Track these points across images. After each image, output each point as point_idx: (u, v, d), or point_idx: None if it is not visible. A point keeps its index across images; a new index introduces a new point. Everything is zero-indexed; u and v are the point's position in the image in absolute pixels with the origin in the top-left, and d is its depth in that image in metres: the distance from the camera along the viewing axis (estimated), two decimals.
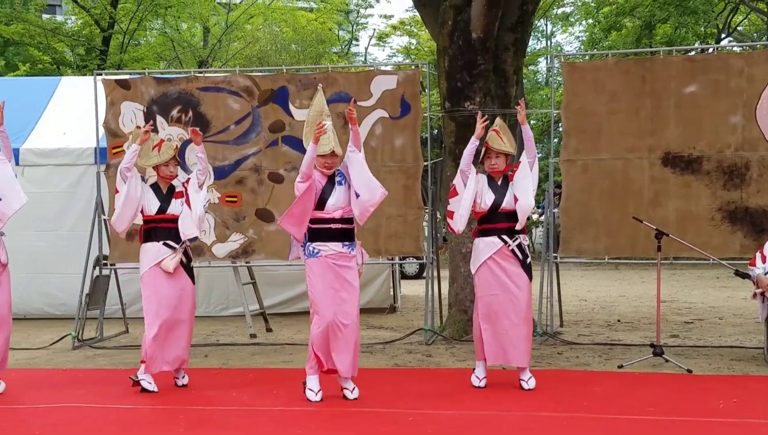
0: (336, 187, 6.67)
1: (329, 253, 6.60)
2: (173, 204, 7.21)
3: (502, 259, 6.92)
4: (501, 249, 6.91)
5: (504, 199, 6.94)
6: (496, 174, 7.04)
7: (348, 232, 6.68)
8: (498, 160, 6.98)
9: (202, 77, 10.32)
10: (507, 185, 6.99)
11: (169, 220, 7.17)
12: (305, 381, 6.61)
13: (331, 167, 6.68)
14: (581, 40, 35.79)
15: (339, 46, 40.37)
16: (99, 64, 27.00)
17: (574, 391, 6.82)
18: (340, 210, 6.63)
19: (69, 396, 6.87)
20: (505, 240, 6.91)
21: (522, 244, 6.95)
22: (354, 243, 6.71)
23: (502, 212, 6.93)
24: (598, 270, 21.83)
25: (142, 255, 7.22)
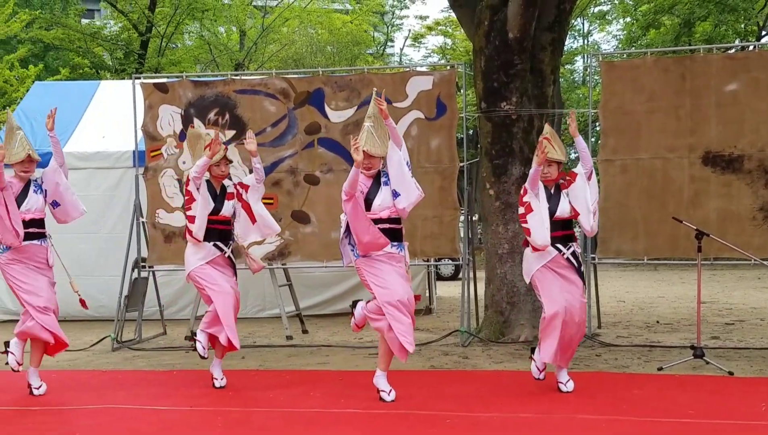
0: (382, 188, 6.64)
1: (378, 254, 6.58)
2: (226, 205, 7.31)
3: (557, 267, 6.85)
4: (555, 257, 6.83)
5: (558, 207, 6.85)
6: (548, 182, 6.93)
7: (396, 232, 6.64)
8: (550, 168, 6.87)
9: (239, 80, 10.37)
10: (559, 193, 6.92)
11: (221, 221, 7.28)
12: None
13: (370, 168, 6.63)
14: (619, 39, 35.53)
15: (374, 48, 40.44)
16: (137, 67, 27.29)
17: (613, 394, 6.75)
18: (387, 210, 6.60)
19: (109, 397, 6.94)
20: (559, 248, 6.82)
21: (576, 251, 6.90)
22: (403, 244, 6.68)
23: (556, 221, 6.83)
24: (636, 271, 21.65)
25: (190, 254, 7.28)
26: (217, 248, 7.24)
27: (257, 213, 7.30)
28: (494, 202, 9.73)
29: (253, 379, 7.65)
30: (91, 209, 11.97)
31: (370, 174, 6.66)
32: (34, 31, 28.29)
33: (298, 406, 6.52)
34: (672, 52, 12.26)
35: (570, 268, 6.86)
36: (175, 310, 12.14)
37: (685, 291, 15.77)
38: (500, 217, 9.67)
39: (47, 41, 28.55)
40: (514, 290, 9.60)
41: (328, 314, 12.47)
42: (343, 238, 6.75)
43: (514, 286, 9.59)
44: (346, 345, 9.75)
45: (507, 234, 9.64)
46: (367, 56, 35.58)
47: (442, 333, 10.23)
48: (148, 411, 6.44)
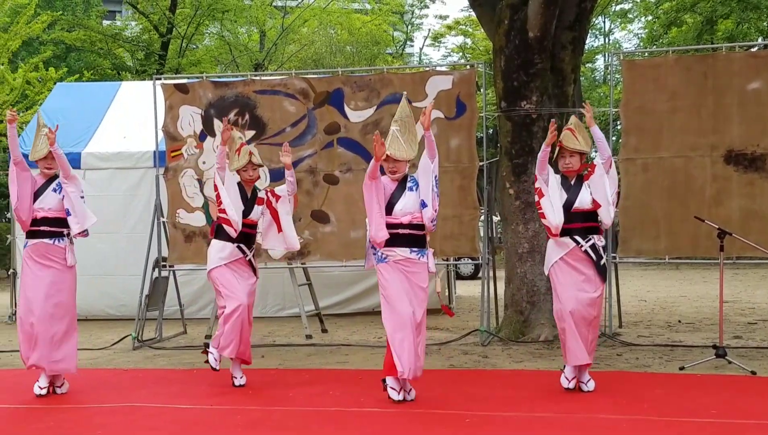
0: (406, 193, 6.57)
1: (397, 259, 6.52)
2: (255, 210, 7.35)
3: (574, 260, 6.76)
4: (573, 250, 6.75)
5: (577, 198, 6.77)
6: (570, 173, 6.87)
7: (417, 239, 6.55)
8: (572, 159, 6.81)
9: (259, 80, 10.40)
10: (581, 185, 6.83)
11: (248, 225, 7.29)
12: (384, 379, 6.57)
13: (395, 172, 6.58)
14: (640, 37, 35.37)
15: (394, 47, 40.44)
16: (158, 68, 27.43)
17: (634, 393, 6.71)
18: (408, 215, 6.52)
19: (129, 396, 6.97)
20: (577, 240, 6.74)
21: (596, 244, 6.76)
22: (425, 250, 6.59)
23: (575, 212, 6.75)
24: (658, 270, 21.53)
25: (214, 252, 7.30)
26: (240, 251, 7.27)
27: (284, 226, 7.34)
28: (514, 202, 9.70)
29: (272, 377, 7.67)
30: (111, 209, 12.16)
31: (395, 178, 6.61)
32: (56, 33, 28.51)
33: (317, 405, 6.52)
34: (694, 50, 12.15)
35: (587, 262, 6.74)
36: (196, 309, 12.19)
37: (707, 290, 15.66)
38: (520, 216, 9.64)
39: (69, 43, 28.75)
40: (534, 289, 9.56)
41: (347, 313, 12.48)
42: (368, 240, 6.73)
43: (534, 285, 9.56)
44: (366, 344, 9.75)
45: (527, 233, 9.61)
46: (387, 56, 35.60)
47: (461, 332, 10.21)
48: (168, 409, 6.46)
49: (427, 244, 6.67)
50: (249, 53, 31.97)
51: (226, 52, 31.80)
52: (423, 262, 6.58)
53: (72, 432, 5.84)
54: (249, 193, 7.38)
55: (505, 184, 9.82)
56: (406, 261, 6.52)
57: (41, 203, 7.06)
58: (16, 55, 27.31)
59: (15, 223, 12.94)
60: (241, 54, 31.79)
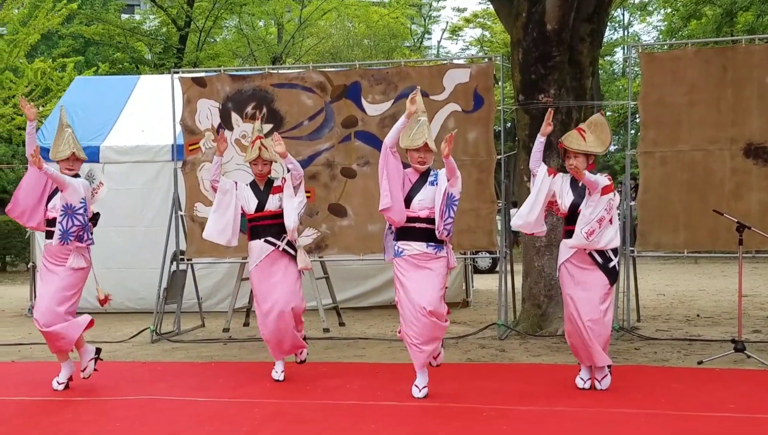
0: (426, 186, 6.53)
1: (413, 253, 6.52)
2: (271, 200, 7.22)
3: (579, 262, 6.66)
4: (578, 252, 6.64)
5: (583, 200, 6.61)
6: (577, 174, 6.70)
7: (433, 233, 6.50)
8: (577, 160, 6.55)
9: (276, 74, 10.41)
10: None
11: (269, 216, 7.21)
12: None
13: (424, 163, 6.56)
14: (659, 30, 35.16)
15: (411, 40, 40.38)
16: (176, 62, 27.52)
17: (652, 388, 6.69)
18: (426, 209, 6.49)
19: (147, 389, 7.01)
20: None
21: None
22: (441, 245, 6.55)
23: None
24: (676, 264, 21.42)
25: (249, 253, 7.34)
26: (268, 244, 7.19)
27: (284, 206, 7.16)
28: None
29: (289, 371, 7.67)
30: (130, 203, 12.23)
31: (422, 169, 6.58)
32: (75, 27, 28.63)
33: (335, 398, 6.54)
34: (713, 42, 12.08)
35: (593, 265, 6.63)
36: (214, 302, 12.23)
37: (726, 284, 15.57)
38: None
39: (88, 36, 28.87)
40: (552, 283, 9.54)
41: (364, 307, 12.49)
42: (387, 232, 6.72)
43: (551, 279, 9.53)
44: (383, 338, 9.76)
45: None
46: (404, 49, 35.55)
47: (479, 326, 10.20)
48: (186, 402, 6.50)
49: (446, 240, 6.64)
50: (267, 46, 32.01)
51: (244, 46, 31.88)
52: (439, 256, 6.54)
53: (90, 424, 5.88)
54: (263, 185, 7.32)
55: (522, 178, 9.78)
56: (423, 255, 6.51)
57: (52, 203, 7.06)
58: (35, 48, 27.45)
59: None
60: (259, 47, 31.84)
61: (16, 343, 9.93)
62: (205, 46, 30.10)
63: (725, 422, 5.61)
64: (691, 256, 9.92)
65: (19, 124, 24.22)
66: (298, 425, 5.74)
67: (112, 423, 5.88)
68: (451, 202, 6.48)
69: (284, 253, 7.22)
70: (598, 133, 6.67)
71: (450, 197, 6.47)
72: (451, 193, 6.48)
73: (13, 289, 18.12)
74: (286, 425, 5.75)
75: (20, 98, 7.24)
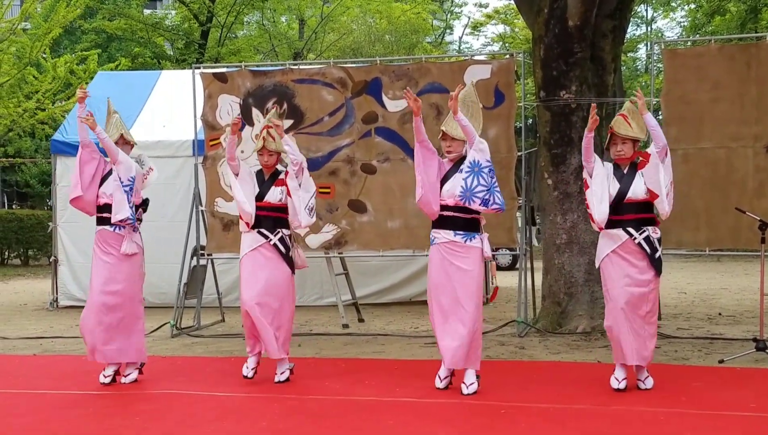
0: (456, 175, 6.50)
1: (442, 241, 6.52)
2: (272, 191, 7.07)
3: (626, 253, 6.48)
4: (625, 242, 6.47)
5: (630, 188, 6.49)
6: (622, 161, 6.58)
7: (464, 222, 6.48)
8: (624, 146, 6.51)
9: (297, 69, 10.42)
10: (634, 174, 6.54)
11: (267, 207, 7.05)
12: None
13: (450, 151, 6.58)
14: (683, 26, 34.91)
15: (433, 36, 40.31)
16: (197, 57, 27.61)
17: (673, 386, 6.64)
18: (453, 197, 6.47)
19: (167, 383, 7.05)
20: (630, 232, 6.47)
21: (651, 236, 6.48)
22: (472, 233, 6.50)
23: (628, 203, 6.49)
24: (698, 262, 21.29)
25: (242, 241, 7.21)
26: (261, 235, 7.04)
27: (294, 200, 7.01)
28: (552, 192, 9.63)
29: (309, 366, 7.70)
30: (151, 198, 12.18)
31: (451, 157, 6.60)
32: (97, 22, 28.79)
33: (354, 394, 6.54)
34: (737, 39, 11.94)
35: (641, 255, 6.46)
36: (234, 297, 12.24)
37: (748, 283, 15.44)
38: (558, 207, 9.58)
39: (110, 31, 29.02)
40: (572, 281, 9.50)
41: (384, 303, 12.50)
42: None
43: (572, 276, 9.50)
44: (402, 334, 9.76)
45: (565, 224, 9.55)
46: (426, 45, 35.46)
47: (498, 323, 10.18)
48: (206, 397, 6.52)
49: (480, 228, 6.58)
50: (288, 42, 32.05)
51: (265, 41, 31.92)
52: (471, 246, 6.49)
53: (111, 418, 5.92)
54: (267, 176, 7.17)
55: (543, 175, 9.75)
56: (451, 243, 6.49)
57: (104, 189, 7.13)
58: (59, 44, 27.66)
59: (56, 210, 13.12)
60: (281, 43, 31.89)
61: (38, 336, 10.01)
62: (226, 42, 30.17)
63: (745, 422, 5.57)
64: (714, 254, 9.83)
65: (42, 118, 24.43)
66: (316, 421, 5.74)
67: (131, 417, 5.91)
68: (479, 170, 6.44)
69: (275, 248, 7.03)
70: (637, 120, 6.59)
71: (474, 164, 6.44)
72: (475, 161, 6.44)
73: (35, 283, 18.28)
74: (305, 420, 5.76)
75: (80, 87, 7.33)
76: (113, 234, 7.08)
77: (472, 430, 5.47)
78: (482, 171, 6.46)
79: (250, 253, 7.08)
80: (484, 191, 6.44)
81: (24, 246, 23.39)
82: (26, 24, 25.40)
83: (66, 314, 12.21)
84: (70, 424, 5.76)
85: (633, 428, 5.46)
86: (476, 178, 6.44)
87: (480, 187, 6.43)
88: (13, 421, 5.82)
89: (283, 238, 7.09)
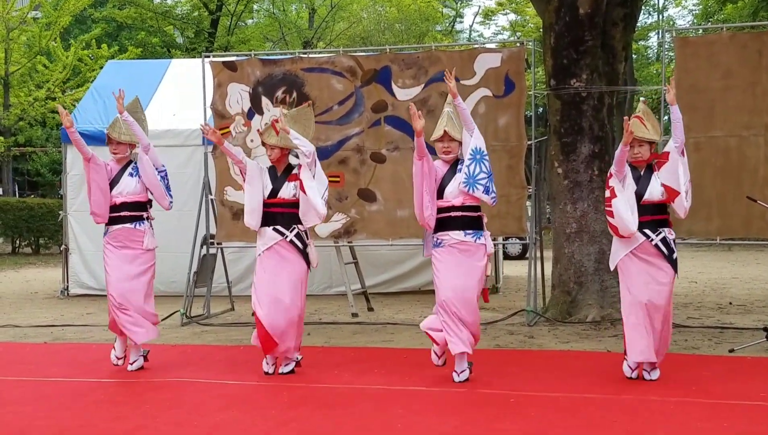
0: (456, 175, 6.52)
1: (452, 242, 6.52)
2: (285, 187, 6.94)
3: (644, 254, 6.47)
4: (642, 244, 6.45)
5: (647, 190, 6.48)
6: (639, 163, 6.55)
7: (471, 220, 6.50)
8: (642, 148, 6.48)
9: (306, 58, 10.40)
10: (650, 175, 6.54)
11: (281, 204, 6.92)
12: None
13: (448, 152, 6.56)
14: (694, 14, 34.69)
15: (443, 24, 40.17)
16: (207, 46, 27.61)
17: (683, 376, 6.63)
18: (460, 197, 6.48)
19: (177, 371, 7.07)
20: (647, 234, 6.44)
21: (667, 238, 6.48)
22: (479, 232, 6.52)
23: (645, 205, 6.46)
24: (709, 251, 21.21)
25: (258, 238, 7.08)
26: (276, 232, 6.92)
27: (307, 192, 6.81)
28: (562, 181, 9.60)
29: (318, 355, 7.71)
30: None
31: (448, 159, 6.58)
32: (108, 11, 28.80)
33: (363, 383, 6.55)
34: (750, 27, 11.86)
35: (659, 256, 6.44)
36: (243, 286, 12.26)
37: (759, 272, 15.40)
38: (568, 195, 9.55)
39: (120, 20, 29.04)
40: (582, 270, 9.48)
41: (393, 292, 12.49)
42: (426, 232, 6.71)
43: (581, 265, 9.48)
44: (411, 323, 9.75)
45: (575, 213, 9.52)
46: (436, 33, 35.33)
47: (508, 312, 10.17)
48: (215, 385, 6.54)
49: (483, 226, 6.60)
50: (298, 30, 32.01)
51: (275, 30, 31.89)
52: (479, 244, 6.52)
53: (120, 405, 5.94)
54: (280, 171, 7.04)
55: (553, 164, 9.72)
56: (462, 244, 6.50)
57: (119, 189, 7.17)
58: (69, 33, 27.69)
59: (67, 199, 13.15)
60: (290, 31, 31.84)
61: (49, 324, 10.05)
62: (236, 30, 30.16)
63: (756, 411, 5.55)
64: (725, 243, 9.79)
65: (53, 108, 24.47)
66: (325, 409, 5.75)
67: (142, 405, 5.93)
68: (481, 158, 6.44)
69: (292, 244, 6.93)
70: (652, 121, 6.58)
71: (476, 151, 6.44)
72: (477, 148, 6.45)
73: (46, 272, 18.34)
74: (314, 409, 5.77)
75: (58, 107, 7.40)
76: (134, 231, 7.18)
77: (482, 419, 5.47)
78: (483, 159, 6.49)
79: (267, 252, 6.94)
80: (485, 178, 6.47)
81: (35, 235, 23.46)
82: (37, 13, 25.44)
83: (77, 302, 12.26)
84: (80, 412, 5.78)
85: (643, 417, 5.45)
86: (478, 166, 6.46)
87: (482, 175, 6.46)
88: (24, 409, 5.84)
89: (299, 233, 6.98)
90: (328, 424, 5.37)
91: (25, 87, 25.26)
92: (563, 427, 5.24)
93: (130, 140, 7.23)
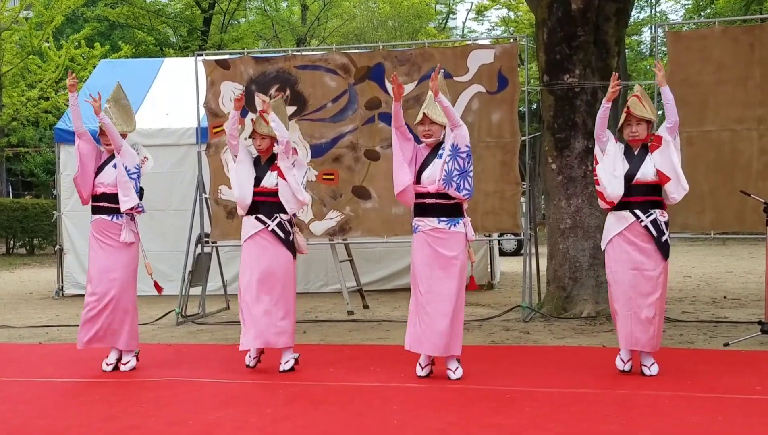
0: (435, 161, 6.47)
1: (426, 229, 6.50)
2: (268, 176, 6.97)
3: (633, 236, 6.45)
4: (632, 224, 6.44)
5: (639, 169, 6.44)
6: (635, 142, 6.53)
7: (444, 208, 6.45)
8: (639, 127, 6.48)
9: (300, 56, 10.40)
10: (644, 156, 6.50)
11: (264, 193, 6.95)
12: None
13: (429, 136, 6.54)
14: (686, 7, 34.72)
15: (436, 21, 40.16)
16: (200, 44, 27.57)
17: (677, 370, 6.64)
18: (435, 184, 6.43)
19: (173, 370, 7.06)
20: (637, 215, 6.43)
21: (658, 220, 6.43)
22: (455, 219, 6.47)
23: (637, 184, 6.44)
24: (704, 245, 21.26)
25: (242, 227, 7.14)
26: (258, 221, 6.95)
27: (288, 180, 6.86)
28: (556, 177, 9.61)
29: (314, 353, 7.71)
30: (156, 186, 12.23)
31: (429, 142, 6.56)
32: (100, 9, 28.73)
33: (358, 380, 6.55)
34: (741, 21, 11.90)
35: (647, 238, 6.42)
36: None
37: (753, 266, 15.43)
38: (562, 191, 9.56)
39: (113, 19, 28.98)
40: (577, 265, 9.49)
41: (389, 289, 12.51)
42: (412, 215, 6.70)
43: (576, 261, 9.49)
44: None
45: (569, 209, 9.53)
46: (429, 29, 35.34)
47: (503, 308, 10.19)
48: (211, 383, 6.53)
49: (463, 212, 6.54)
50: (291, 28, 31.98)
51: (268, 28, 31.87)
52: (455, 231, 6.46)
53: (116, 405, 5.93)
54: (264, 161, 7.07)
55: (547, 159, 9.73)
56: (435, 231, 6.46)
57: (101, 178, 7.13)
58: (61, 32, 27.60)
59: (61, 199, 13.13)
60: (283, 29, 31.81)
61: (44, 325, 10.04)
62: (229, 28, 30.11)
63: (751, 404, 5.56)
64: (719, 237, 9.82)
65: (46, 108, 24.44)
66: (321, 407, 5.75)
67: (137, 404, 5.93)
68: (456, 154, 6.38)
69: (273, 234, 6.94)
70: (648, 102, 6.59)
71: (454, 148, 6.39)
72: (455, 145, 6.39)
73: (40, 272, 18.32)
74: (310, 407, 5.77)
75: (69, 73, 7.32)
76: (111, 223, 7.10)
77: (477, 414, 5.47)
78: (459, 155, 6.41)
79: (249, 240, 7.01)
80: (457, 175, 6.41)
81: (29, 235, 23.43)
82: (28, 12, 25.38)
83: (72, 303, 12.24)
84: (75, 412, 5.77)
85: (638, 412, 5.46)
86: (454, 162, 6.40)
87: (455, 172, 6.41)
88: (20, 409, 5.83)
89: (281, 223, 6.99)
90: (323, 422, 5.37)
91: (17, 87, 25.19)
92: (559, 421, 5.24)
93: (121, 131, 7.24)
